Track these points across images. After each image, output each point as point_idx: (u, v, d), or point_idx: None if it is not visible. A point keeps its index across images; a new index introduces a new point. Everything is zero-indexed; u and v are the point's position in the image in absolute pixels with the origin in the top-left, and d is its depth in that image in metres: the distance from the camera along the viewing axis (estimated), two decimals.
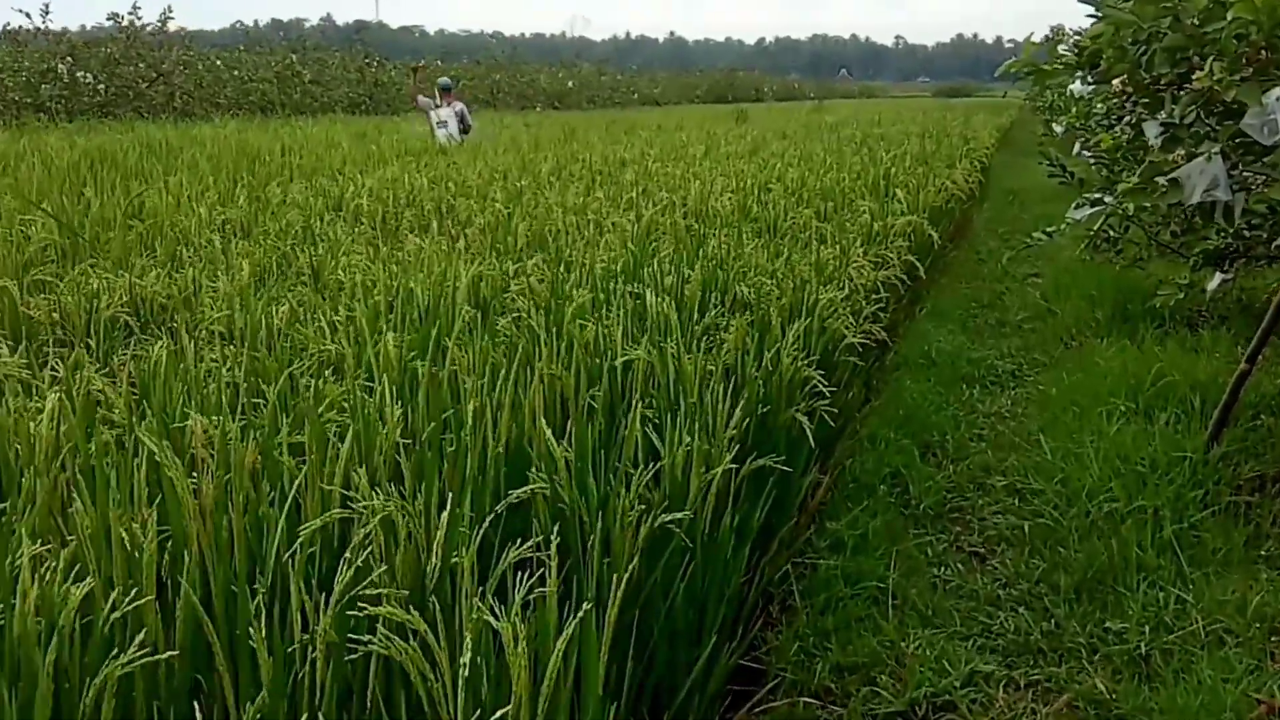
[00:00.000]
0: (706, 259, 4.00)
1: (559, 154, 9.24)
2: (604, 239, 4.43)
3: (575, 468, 1.90)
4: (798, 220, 5.37)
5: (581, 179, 6.99)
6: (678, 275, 3.34)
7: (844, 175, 7.38)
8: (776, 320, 3.07)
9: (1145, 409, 3.75)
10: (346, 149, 8.85)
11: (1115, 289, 5.42)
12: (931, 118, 17.93)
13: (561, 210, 5.29)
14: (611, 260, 3.71)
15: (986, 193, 11.52)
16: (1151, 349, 4.33)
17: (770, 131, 14.37)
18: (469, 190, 6.11)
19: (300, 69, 21.71)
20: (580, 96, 33.68)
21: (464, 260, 3.88)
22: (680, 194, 6.28)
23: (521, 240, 4.37)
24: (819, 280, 3.84)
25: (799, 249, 4.52)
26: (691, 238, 4.72)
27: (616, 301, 3.00)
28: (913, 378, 4.64)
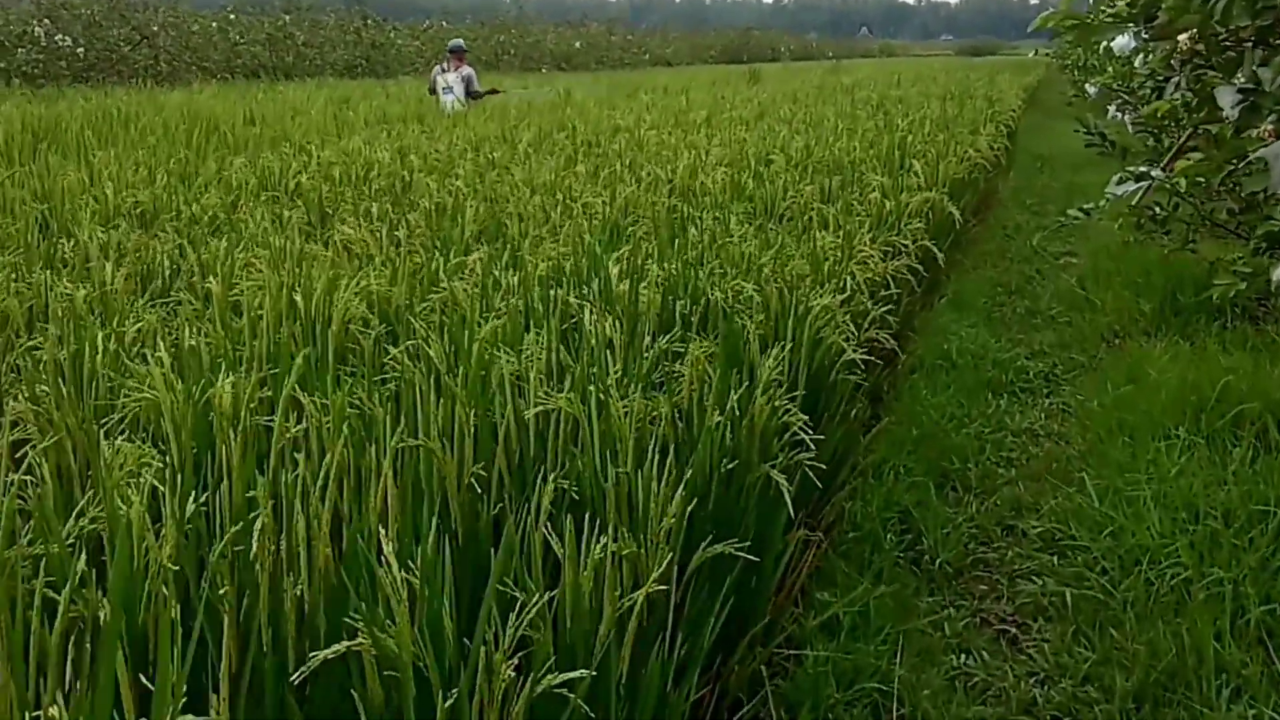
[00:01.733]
0: (681, 252, 3.36)
1: (547, 121, 8.56)
2: (566, 226, 3.79)
3: (427, 604, 1.29)
4: (798, 200, 4.70)
5: (564, 150, 6.33)
6: (637, 279, 2.71)
7: (855, 144, 6.69)
8: (754, 339, 2.44)
9: (1210, 434, 3.10)
10: (315, 116, 8.20)
11: (1163, 275, 4.74)
12: (954, 78, 17.06)
13: (529, 189, 4.64)
14: (563, 256, 3.08)
15: (1013, 159, 10.76)
16: (1214, 354, 3.67)
17: (781, 93, 13.60)
18: (435, 164, 5.47)
19: (294, 31, 20.96)
20: (589, 58, 32.80)
21: (390, 256, 3.26)
22: (671, 167, 5.63)
23: (472, 228, 3.74)
24: (815, 279, 3.19)
25: (797, 236, 3.87)
26: (673, 223, 4.07)
27: (554, 318, 2.38)
28: (930, 385, 3.99)
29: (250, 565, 1.20)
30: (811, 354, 2.67)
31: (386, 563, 1.25)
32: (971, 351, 4.35)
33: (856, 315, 3.20)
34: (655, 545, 1.56)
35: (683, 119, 8.94)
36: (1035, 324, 4.98)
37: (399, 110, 9.21)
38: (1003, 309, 5.26)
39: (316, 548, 1.26)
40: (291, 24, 21.30)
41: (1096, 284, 5.02)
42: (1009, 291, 5.57)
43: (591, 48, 34.50)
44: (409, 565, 1.29)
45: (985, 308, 5.24)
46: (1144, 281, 4.75)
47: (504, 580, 1.36)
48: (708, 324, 2.67)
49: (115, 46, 16.29)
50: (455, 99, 11.07)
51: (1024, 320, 5.06)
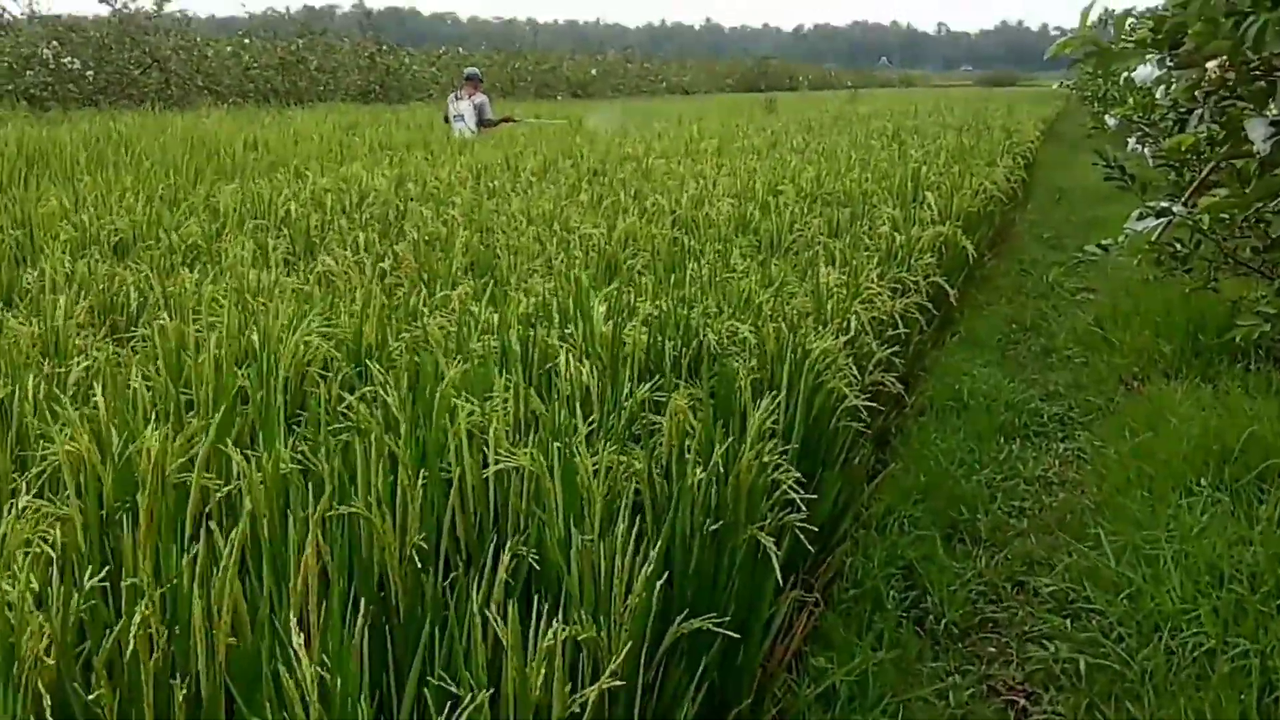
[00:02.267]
0: (677, 287, 3.21)
1: (555, 149, 8.46)
2: (560, 259, 3.65)
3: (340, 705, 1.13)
4: (805, 232, 4.56)
5: (568, 179, 6.21)
6: (624, 318, 2.55)
7: (868, 175, 6.55)
8: (746, 385, 2.28)
9: (1236, 488, 2.91)
10: (319, 141, 8.12)
11: (1184, 315, 4.56)
12: (972, 109, 16.94)
13: (525, 219, 4.51)
14: (550, 292, 2.93)
15: (1030, 191, 10.61)
16: (1238, 400, 3.49)
17: (796, 123, 13.51)
18: (432, 192, 5.36)
19: (307, 55, 20.99)
20: (605, 85, 32.84)
21: (372, 290, 3.12)
22: (675, 197, 5.50)
23: (461, 260, 3.60)
24: (818, 318, 3.04)
25: (801, 271, 3.72)
26: (673, 256, 3.93)
27: (527, 362, 2.23)
28: (940, 428, 3.82)
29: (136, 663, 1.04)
30: (810, 400, 2.51)
31: (297, 657, 1.09)
32: (983, 393, 4.18)
33: (861, 357, 3.04)
34: (619, 626, 1.40)
35: (693, 148, 8.83)
36: (1050, 363, 4.80)
37: (404, 137, 9.13)
38: (1017, 347, 5.08)
39: (217, 638, 1.10)
40: (305, 49, 21.34)
41: (1114, 323, 4.83)
42: (1024, 329, 5.39)
43: (608, 75, 34.54)
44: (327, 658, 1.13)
45: (999, 345, 5.06)
46: (1164, 321, 4.57)
47: (438, 674, 1.20)
48: (700, 367, 2.52)
49: (125, 70, 16.30)
50: (465, 126, 11.12)
51: (1039, 359, 4.88)
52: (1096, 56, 2.70)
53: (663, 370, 2.33)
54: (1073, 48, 2.65)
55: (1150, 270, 5.20)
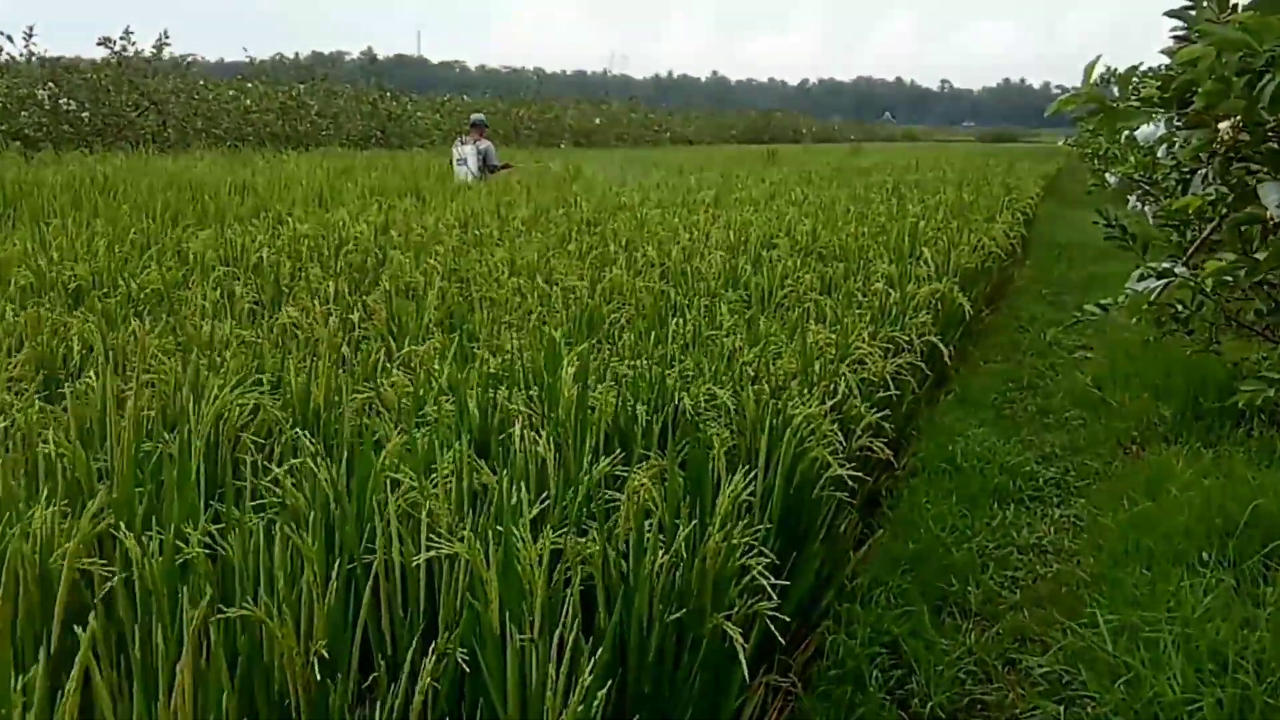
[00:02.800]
0: (659, 345, 3.09)
1: (550, 197, 8.39)
2: (536, 313, 3.53)
3: None
4: (797, 288, 4.44)
5: (559, 228, 6.12)
6: (595, 380, 2.42)
7: (864, 229, 6.45)
8: (720, 458, 2.13)
9: (1240, 565, 2.76)
10: (305, 185, 8.05)
11: (1185, 377, 4.42)
12: (972, 164, 16.96)
13: (508, 270, 4.40)
14: (522, 349, 2.79)
15: (1030, 247, 10.53)
16: (1241, 470, 3.34)
17: (797, 175, 13.49)
18: (416, 240, 5.25)
19: (308, 100, 21.09)
20: (609, 134, 33.04)
21: (335, 343, 2.99)
22: (667, 249, 5.40)
23: (434, 313, 3.48)
24: (804, 381, 2.90)
25: (790, 329, 3.59)
26: (658, 310, 3.81)
27: (491, 424, 2.09)
28: (931, 491, 3.66)
29: None
30: (792, 470, 2.36)
31: None
32: (978, 455, 4.03)
33: (849, 420, 2.90)
34: None
35: (689, 198, 8.77)
36: (1047, 424, 4.66)
37: (397, 182, 9.06)
38: (1013, 406, 4.94)
39: None
40: (306, 93, 21.46)
41: (1113, 384, 4.70)
42: (1020, 387, 5.25)
43: (612, 124, 34.78)
44: None
45: (995, 405, 4.92)
46: (1164, 384, 4.43)
47: None
48: (673, 435, 2.37)
49: (121, 112, 16.32)
50: (468, 170, 11.13)
51: (1035, 420, 4.74)
52: (1100, 114, 2.59)
53: (633, 437, 2.19)
54: (1076, 104, 2.54)
55: (1151, 331, 5.09)
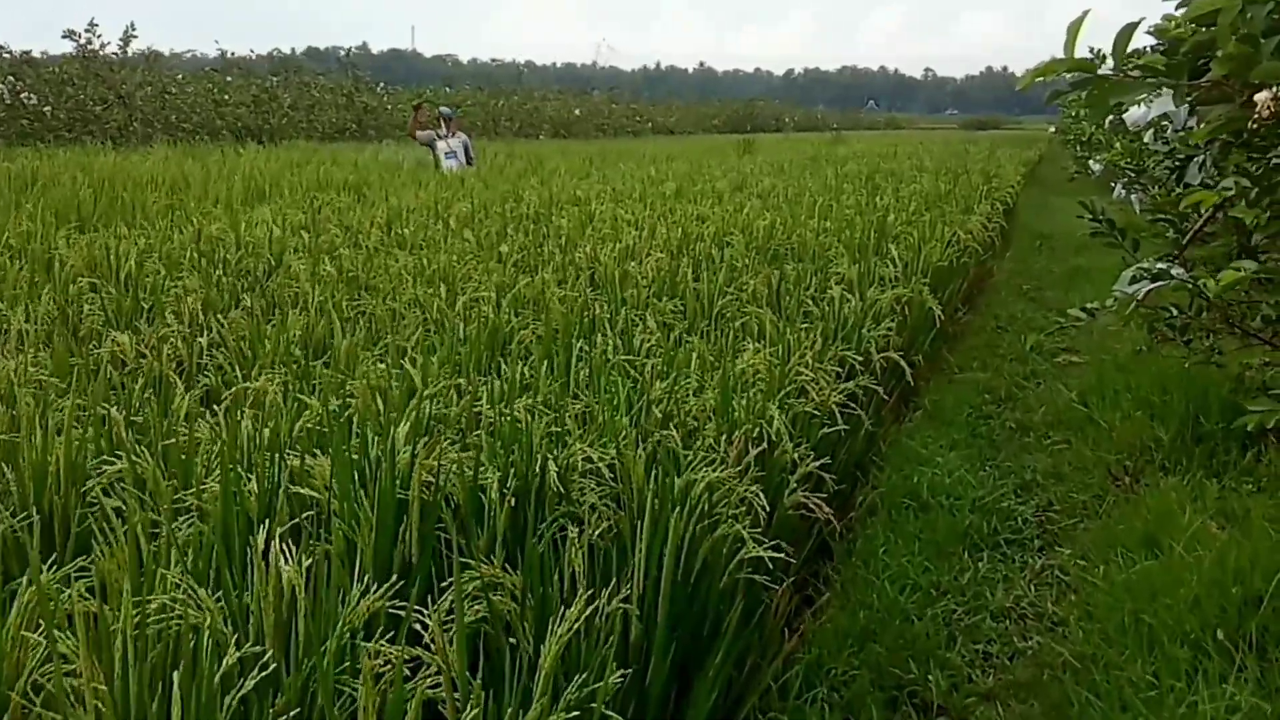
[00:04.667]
0: (558, 376, 2.55)
1: (501, 191, 7.84)
2: (418, 334, 2.99)
3: None
4: (744, 293, 3.91)
5: (496, 226, 5.57)
6: (437, 435, 1.88)
7: (828, 223, 5.93)
8: (577, 559, 1.60)
9: (1265, 650, 2.24)
10: (246, 180, 7.49)
11: (1183, 393, 3.91)
12: (952, 151, 16.44)
13: (414, 278, 3.86)
14: (369, 388, 2.25)
15: (1010, 238, 10.01)
16: (1257, 521, 2.82)
17: (770, 164, 12.95)
18: (331, 242, 4.71)
19: (280, 93, 20.43)
20: (589, 125, 32.43)
21: (167, 373, 2.44)
22: (611, 246, 4.87)
23: (297, 334, 2.93)
24: (722, 423, 2.37)
25: (719, 351, 3.06)
26: (576, 326, 3.27)
27: (276, 507, 1.55)
28: (891, 537, 3.14)
29: None
30: (689, 558, 1.83)
31: None
32: (946, 489, 3.51)
33: (777, 471, 2.37)
34: None
35: (650, 191, 8.23)
36: (1027, 444, 4.14)
37: (342, 177, 8.49)
38: (989, 424, 4.42)
39: None
40: (279, 86, 20.80)
41: (1101, 399, 4.18)
42: (997, 400, 4.74)
43: (592, 115, 34.15)
44: None
45: (968, 422, 4.40)
46: (1159, 400, 3.92)
47: None
48: (536, 516, 1.84)
49: (85, 106, 15.69)
50: (460, 163, 11.15)
51: (1014, 438, 4.22)
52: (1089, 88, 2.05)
53: (471, 531, 1.66)
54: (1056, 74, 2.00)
55: (1142, 339, 4.58)
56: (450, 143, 11.34)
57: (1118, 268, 4.81)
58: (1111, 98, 1.85)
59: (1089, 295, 7.39)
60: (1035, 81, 2.13)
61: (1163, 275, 3.65)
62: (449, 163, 11.10)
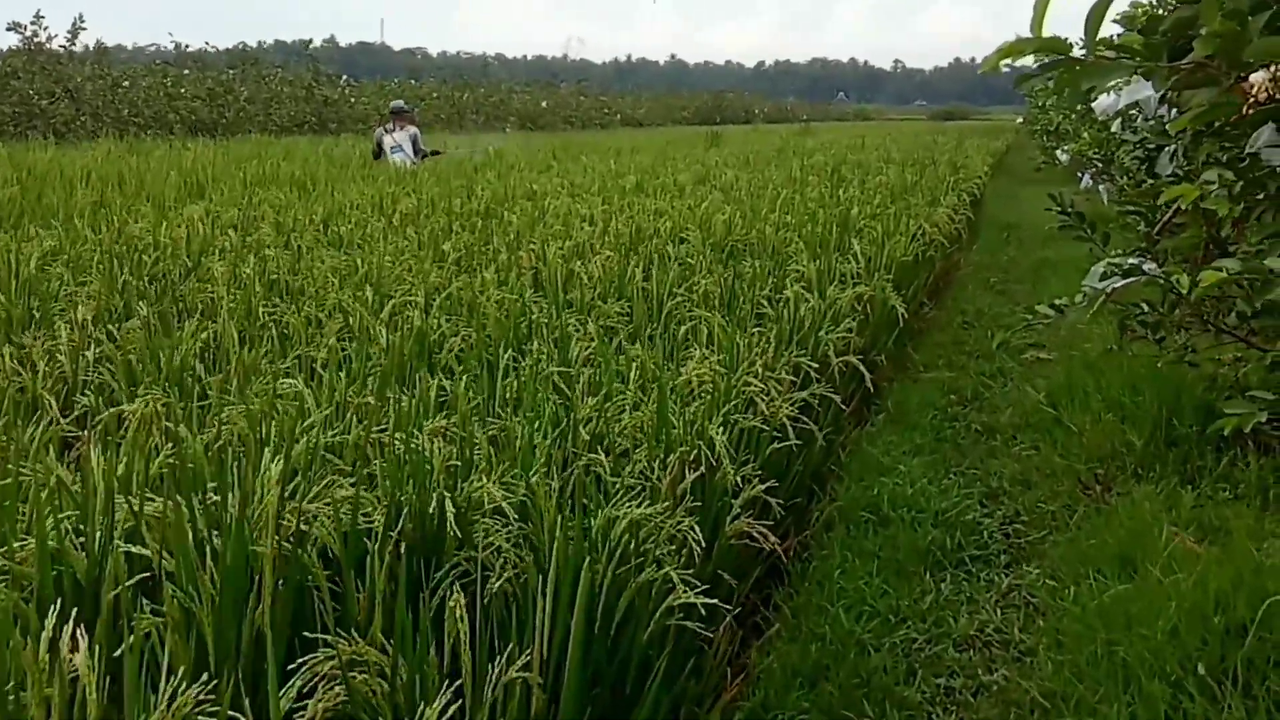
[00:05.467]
0: (485, 390, 2.32)
1: (456, 185, 7.57)
2: (325, 347, 2.74)
3: None
4: (692, 296, 3.69)
5: (442, 223, 5.32)
6: (317, 470, 1.64)
7: (789, 217, 5.73)
8: (461, 625, 1.37)
9: (1250, 687, 2.05)
10: (178, 177, 7.18)
11: (1155, 394, 3.73)
12: (921, 142, 16.29)
13: (340, 280, 3.61)
14: (263, 406, 2.00)
15: (977, 229, 9.85)
16: (1239, 539, 2.63)
17: (737, 156, 12.74)
18: (258, 241, 4.44)
19: (237, 86, 19.97)
20: (557, 118, 32.10)
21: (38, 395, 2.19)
22: (561, 243, 4.64)
23: (193, 344, 2.67)
24: (657, 445, 2.15)
25: (667, 356, 2.84)
26: (513, 331, 3.04)
27: (101, 574, 1.31)
28: (848, 556, 2.93)
29: None
30: (609, 604, 1.61)
31: None
32: (908, 500, 3.30)
33: (718, 496, 2.15)
34: None
35: (610, 184, 7.99)
36: (993, 448, 3.95)
37: (289, 171, 8.18)
38: (955, 426, 4.22)
39: None
40: (235, 79, 20.32)
41: (1070, 401, 3.99)
42: (963, 400, 4.55)
43: (560, 108, 33.79)
44: None
45: (933, 424, 4.20)
46: (1130, 402, 3.73)
47: None
48: (425, 573, 1.60)
49: (31, 100, 15.20)
50: (405, 156, 10.95)
51: (980, 442, 4.03)
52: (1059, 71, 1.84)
53: (343, 591, 1.42)
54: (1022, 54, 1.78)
55: (1113, 337, 4.41)
56: (396, 136, 11.18)
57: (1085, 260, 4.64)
58: (1083, 82, 1.63)
59: (1056, 288, 7.27)
60: (1004, 67, 1.92)
61: (1134, 271, 3.47)
62: (395, 156, 10.93)
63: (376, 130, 11.83)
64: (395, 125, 11.34)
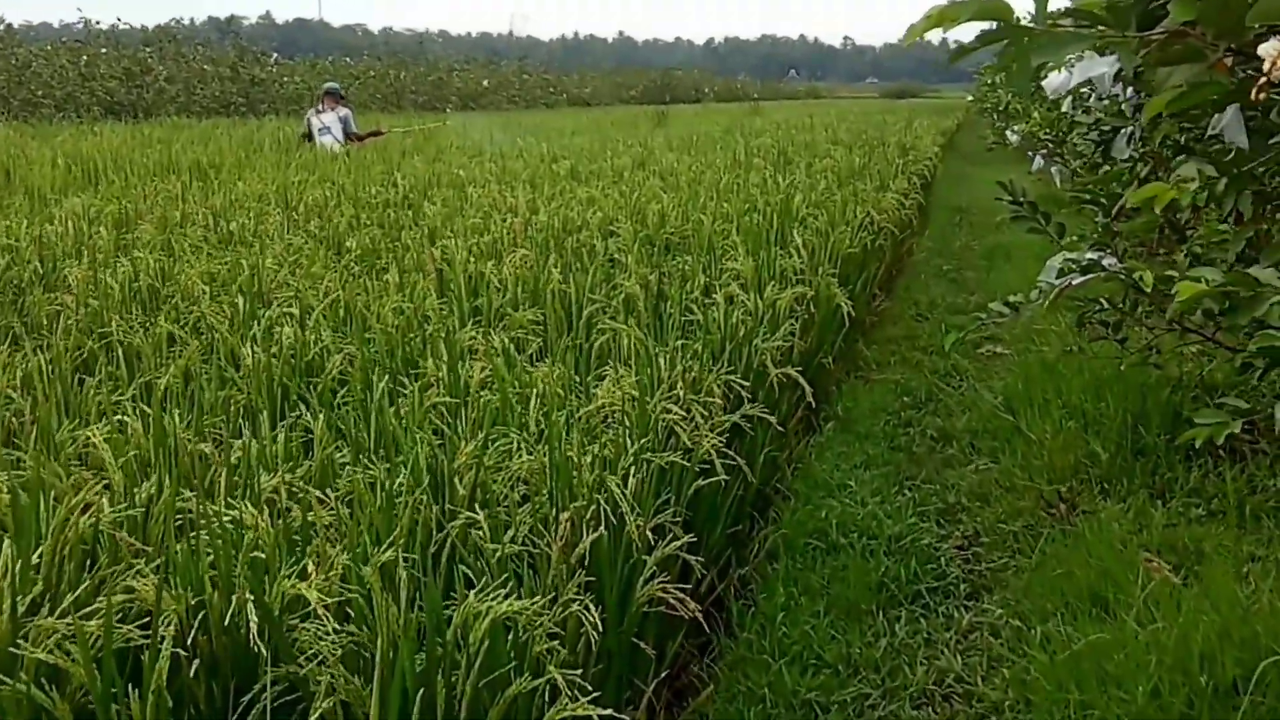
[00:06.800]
0: (322, 456, 1.95)
1: (376, 171, 7.13)
2: (191, 368, 2.34)
3: None
4: (615, 299, 3.33)
5: (346, 215, 4.89)
6: None
7: (729, 205, 5.38)
8: None
9: None
10: (81, 165, 6.66)
11: (1119, 398, 3.45)
12: (870, 121, 16.01)
13: (210, 287, 3.19)
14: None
15: (929, 213, 9.58)
16: (1218, 571, 2.34)
17: (682, 138, 12.36)
18: (132, 240, 4.00)
19: (156, 65, 19.10)
20: (500, 97, 31.40)
21: None
22: (477, 239, 4.26)
23: None
24: (540, 502, 1.80)
25: (564, 382, 2.48)
26: (398, 353, 2.66)
27: None
28: (793, 593, 2.60)
29: None
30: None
31: None
32: (858, 523, 2.98)
33: (620, 558, 1.80)
34: None
35: (543, 170, 7.58)
36: (949, 457, 3.65)
37: (195, 156, 7.65)
38: (909, 432, 3.92)
39: None
40: (152, 57, 19.44)
41: (1029, 406, 3.70)
42: (917, 403, 4.24)
43: (503, 87, 33.06)
44: None
45: (885, 431, 3.89)
46: (1094, 409, 3.45)
47: None
48: (233, 693, 1.23)
49: None
50: (333, 139, 10.64)
51: (935, 451, 3.72)
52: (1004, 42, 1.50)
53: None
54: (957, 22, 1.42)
55: (1071, 336, 4.13)
56: (324, 118, 10.85)
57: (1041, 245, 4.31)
58: (1035, 56, 1.29)
59: (1010, 276, 7.00)
60: (941, 39, 1.57)
61: (1093, 267, 3.17)
62: (323, 139, 10.64)
63: (308, 112, 11.51)
64: (325, 107, 11.02)
